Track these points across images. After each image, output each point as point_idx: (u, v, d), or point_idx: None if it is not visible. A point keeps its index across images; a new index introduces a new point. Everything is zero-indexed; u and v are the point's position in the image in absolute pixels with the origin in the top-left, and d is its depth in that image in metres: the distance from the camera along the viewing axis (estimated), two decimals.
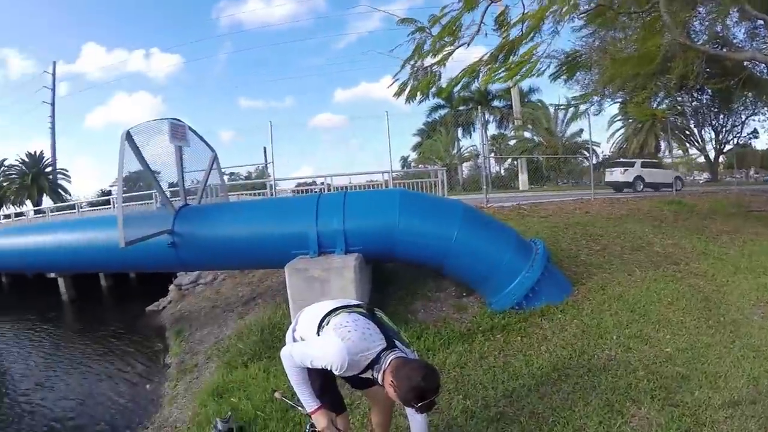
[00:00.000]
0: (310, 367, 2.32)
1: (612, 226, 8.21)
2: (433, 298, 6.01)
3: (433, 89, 6.44)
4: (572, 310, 5.15)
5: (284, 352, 2.43)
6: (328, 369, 2.22)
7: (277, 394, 3.32)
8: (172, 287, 10.74)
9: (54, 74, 44.54)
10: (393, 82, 6.35)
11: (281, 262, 5.31)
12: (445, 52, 5.92)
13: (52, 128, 43.77)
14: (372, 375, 2.21)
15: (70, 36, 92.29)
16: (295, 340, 2.63)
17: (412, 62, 6.07)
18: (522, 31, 6.17)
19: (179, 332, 8.02)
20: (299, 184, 16.16)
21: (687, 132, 28.51)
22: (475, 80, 6.37)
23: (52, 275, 16.17)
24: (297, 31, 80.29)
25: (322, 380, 2.48)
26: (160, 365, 7.70)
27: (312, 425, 2.57)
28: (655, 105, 16.90)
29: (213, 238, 6.03)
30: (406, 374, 2.01)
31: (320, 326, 2.41)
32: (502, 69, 5.88)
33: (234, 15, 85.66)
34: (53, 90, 44.18)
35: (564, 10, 5.60)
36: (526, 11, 6.09)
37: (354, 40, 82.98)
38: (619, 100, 16.54)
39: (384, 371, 2.12)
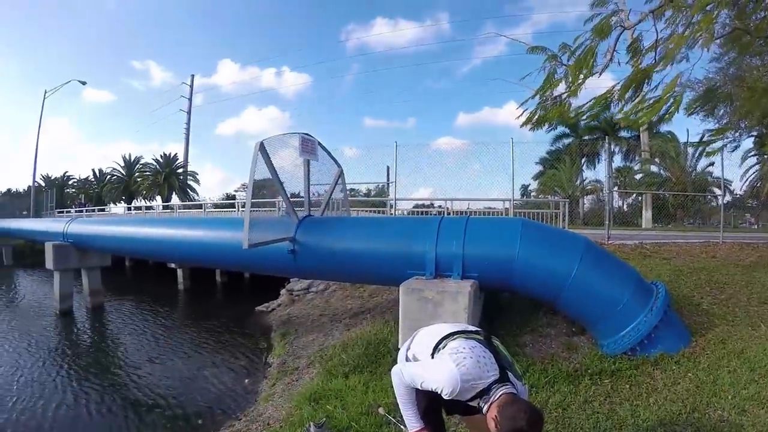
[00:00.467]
0: (419, 388, 2.35)
1: (740, 274, 7.50)
2: (543, 334, 5.81)
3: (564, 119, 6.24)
4: (687, 363, 4.77)
5: (395, 370, 2.48)
6: (438, 392, 2.22)
7: (381, 410, 3.36)
8: (283, 291, 11.24)
9: (192, 86, 48.62)
10: (522, 113, 6.24)
11: (395, 280, 5.37)
12: (578, 82, 5.73)
13: (187, 134, 47.75)
14: (478, 404, 2.19)
15: (207, 52, 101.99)
16: (408, 360, 2.67)
17: (542, 93, 5.94)
18: (654, 59, 5.83)
19: (285, 335, 8.34)
20: (417, 205, 16.35)
21: None
22: (607, 111, 6.10)
23: (172, 265, 17.60)
24: (422, 54, 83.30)
25: (427, 403, 2.51)
26: (262, 363, 8.05)
27: None
28: None
29: (332, 250, 6.21)
30: (511, 413, 1.99)
31: (436, 349, 2.43)
32: (645, 107, 5.55)
33: (362, 38, 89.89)
34: (190, 100, 48.22)
35: (699, 35, 5.21)
36: (659, 37, 5.74)
37: (479, 64, 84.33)
38: (755, 133, 15.09)
39: (491, 404, 2.11)
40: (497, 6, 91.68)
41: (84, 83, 40.59)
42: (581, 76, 5.64)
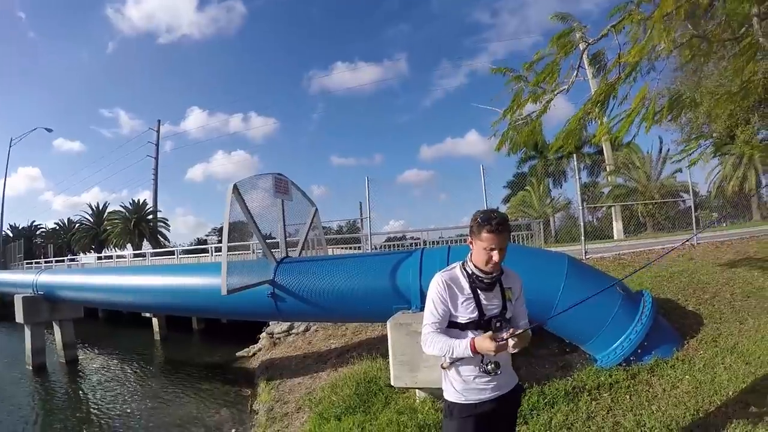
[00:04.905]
0: (434, 316, 2.37)
1: (719, 272, 7.57)
2: (536, 355, 5.67)
3: (537, 141, 6.22)
4: (683, 365, 4.76)
5: (422, 334, 2.43)
6: (441, 299, 2.35)
7: None
8: (263, 335, 10.91)
9: (158, 131, 48.55)
10: (493, 135, 6.21)
11: (381, 316, 5.25)
12: (546, 99, 5.73)
13: (155, 180, 47.41)
14: (467, 269, 2.36)
15: (175, 100, 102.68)
16: None
17: (510, 113, 5.91)
18: (619, 72, 5.87)
19: (269, 379, 8.06)
20: (389, 239, 16.38)
21: None
22: (585, 130, 6.10)
23: (148, 314, 17.06)
24: (383, 92, 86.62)
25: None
26: (248, 411, 7.78)
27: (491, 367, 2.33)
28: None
29: (314, 290, 6.07)
30: (474, 216, 2.32)
31: None
32: (616, 120, 5.57)
33: (323, 81, 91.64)
34: (157, 145, 48.18)
35: (658, 44, 5.26)
36: (621, 51, 5.80)
37: (441, 96, 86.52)
38: (714, 135, 15.54)
39: (470, 254, 2.38)
40: (454, 40, 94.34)
41: (50, 130, 41.02)
42: (547, 92, 5.64)
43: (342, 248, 14.84)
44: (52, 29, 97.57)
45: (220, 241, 5.99)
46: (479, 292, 2.35)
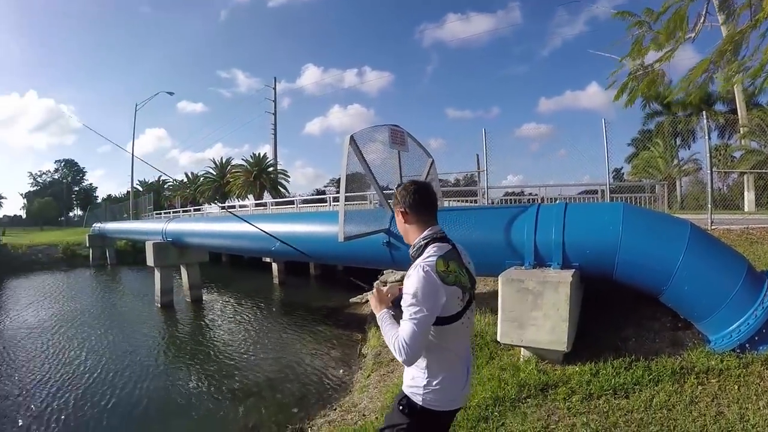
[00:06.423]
0: None
1: None
2: (646, 327, 5.40)
3: (660, 89, 5.76)
4: None
5: None
6: None
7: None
8: (377, 283, 11.23)
9: (275, 88, 50.38)
10: (611, 84, 5.85)
11: (493, 270, 5.26)
12: (668, 48, 5.27)
13: (274, 134, 49.62)
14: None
15: (290, 59, 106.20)
16: None
17: (630, 60, 5.51)
18: (751, 17, 5.18)
19: None
20: (507, 194, 16.11)
21: None
22: (710, 81, 5.55)
23: (268, 259, 18.35)
24: (498, 43, 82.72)
25: None
26: (356, 354, 8.23)
27: None
28: None
29: None
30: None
31: None
32: (745, 65, 5.00)
33: (435, 32, 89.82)
34: (275, 101, 50.14)
35: None
36: None
37: (559, 46, 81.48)
38: None
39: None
40: None
41: (172, 94, 44.97)
42: (673, 41, 5.17)
43: (458, 201, 14.81)
44: (165, 3, 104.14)
45: (338, 192, 6.24)
46: None
